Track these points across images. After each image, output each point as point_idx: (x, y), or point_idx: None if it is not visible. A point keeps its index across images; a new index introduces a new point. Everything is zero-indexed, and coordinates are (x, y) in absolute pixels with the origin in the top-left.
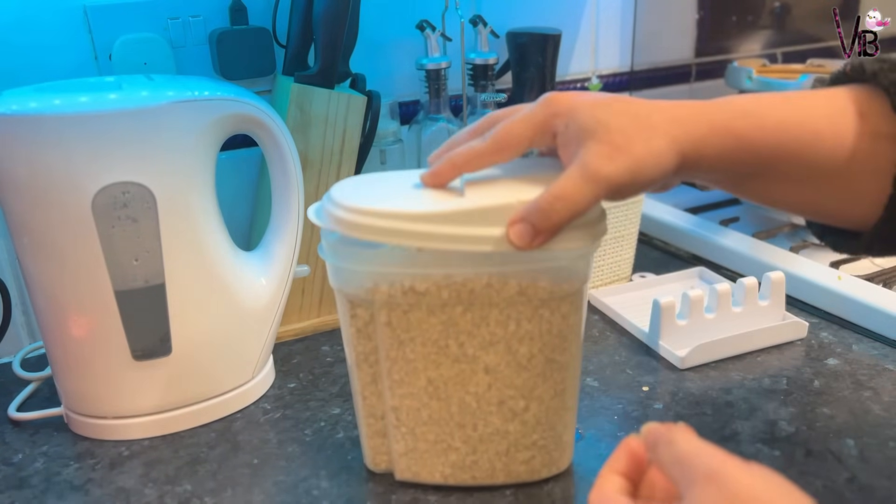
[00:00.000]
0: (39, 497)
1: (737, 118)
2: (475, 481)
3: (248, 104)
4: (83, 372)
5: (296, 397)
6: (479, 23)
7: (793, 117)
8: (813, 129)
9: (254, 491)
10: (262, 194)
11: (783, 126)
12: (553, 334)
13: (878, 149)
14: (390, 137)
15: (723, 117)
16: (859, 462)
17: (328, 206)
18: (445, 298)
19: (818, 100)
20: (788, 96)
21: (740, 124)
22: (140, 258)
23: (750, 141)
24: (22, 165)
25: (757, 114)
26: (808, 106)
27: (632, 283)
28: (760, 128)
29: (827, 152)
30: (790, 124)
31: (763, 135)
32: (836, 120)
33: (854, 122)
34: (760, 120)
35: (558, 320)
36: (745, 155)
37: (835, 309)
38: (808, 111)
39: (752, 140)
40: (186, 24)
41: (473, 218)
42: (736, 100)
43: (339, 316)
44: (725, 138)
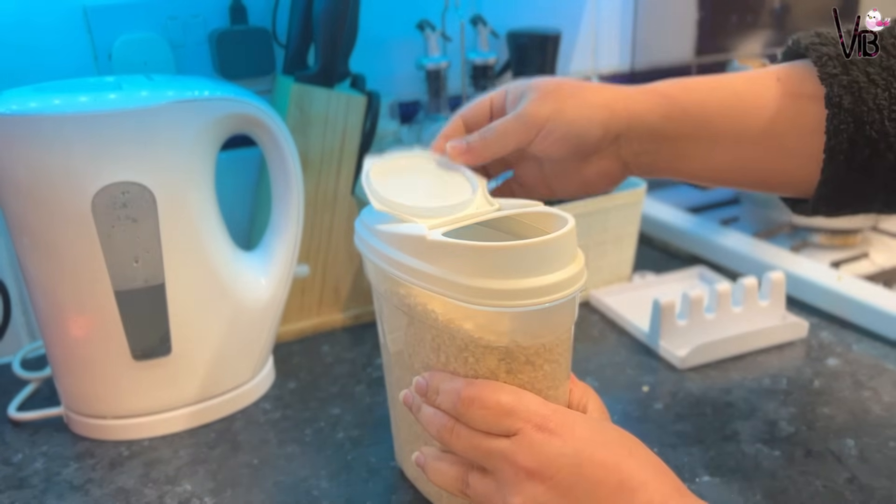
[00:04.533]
0: (39, 497)
1: (664, 85)
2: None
3: (247, 104)
4: (83, 372)
5: (296, 397)
6: (479, 23)
7: (714, 81)
8: (733, 91)
9: (254, 491)
10: (262, 194)
11: (706, 87)
12: None
13: (800, 108)
14: (390, 137)
15: (651, 86)
16: (859, 462)
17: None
18: (395, 304)
19: (741, 73)
20: (714, 75)
21: (666, 86)
22: (140, 258)
23: (676, 98)
24: (22, 165)
25: (683, 82)
26: (730, 76)
27: (632, 283)
28: (685, 88)
29: (750, 111)
30: (712, 86)
31: (687, 94)
32: (755, 84)
33: (772, 85)
34: (685, 83)
35: (485, 373)
36: (674, 110)
37: (835, 309)
38: (729, 79)
39: (677, 97)
40: (186, 23)
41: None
42: (669, 82)
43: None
44: (653, 95)
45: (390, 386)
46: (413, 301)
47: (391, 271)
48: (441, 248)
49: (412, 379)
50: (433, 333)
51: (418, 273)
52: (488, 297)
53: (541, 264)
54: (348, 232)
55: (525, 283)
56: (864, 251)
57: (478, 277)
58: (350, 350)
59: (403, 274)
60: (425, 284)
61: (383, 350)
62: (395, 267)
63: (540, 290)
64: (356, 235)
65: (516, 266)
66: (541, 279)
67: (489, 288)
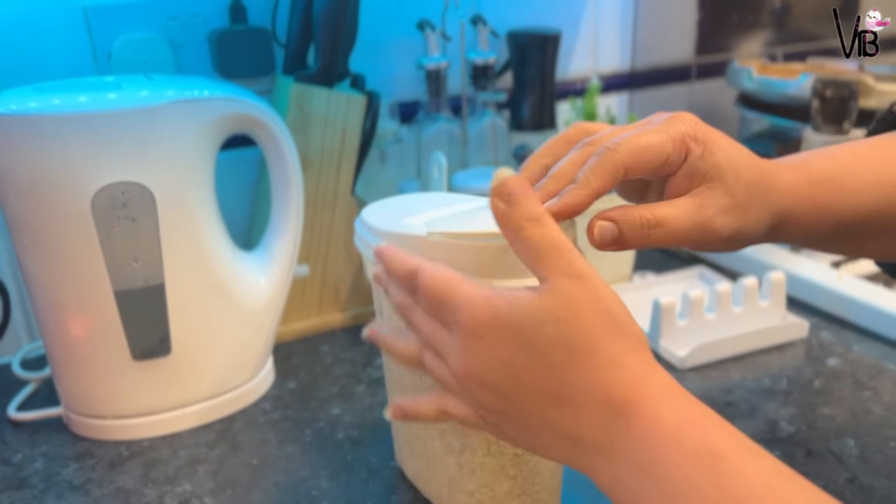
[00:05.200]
0: (39, 497)
1: (817, 185)
2: (429, 497)
3: (247, 104)
4: (83, 372)
5: (295, 397)
6: (479, 23)
7: (868, 175)
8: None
9: (253, 491)
10: (261, 194)
11: (862, 187)
12: None
13: None
14: (390, 137)
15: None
16: (860, 462)
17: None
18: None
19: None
20: (857, 151)
21: (820, 191)
22: (139, 258)
23: (832, 209)
24: (21, 165)
25: (835, 178)
26: (880, 159)
27: (632, 283)
28: (839, 192)
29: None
30: (867, 183)
31: (843, 199)
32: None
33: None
34: (839, 184)
35: None
36: (828, 222)
37: (835, 309)
38: (881, 166)
39: (833, 207)
40: (186, 23)
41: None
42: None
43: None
44: (809, 208)
45: (390, 386)
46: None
47: None
48: (440, 247)
49: (412, 379)
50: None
51: None
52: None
53: None
54: (348, 232)
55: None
56: None
57: (476, 276)
58: (350, 350)
59: None
60: None
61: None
62: None
63: None
64: (356, 235)
65: (514, 264)
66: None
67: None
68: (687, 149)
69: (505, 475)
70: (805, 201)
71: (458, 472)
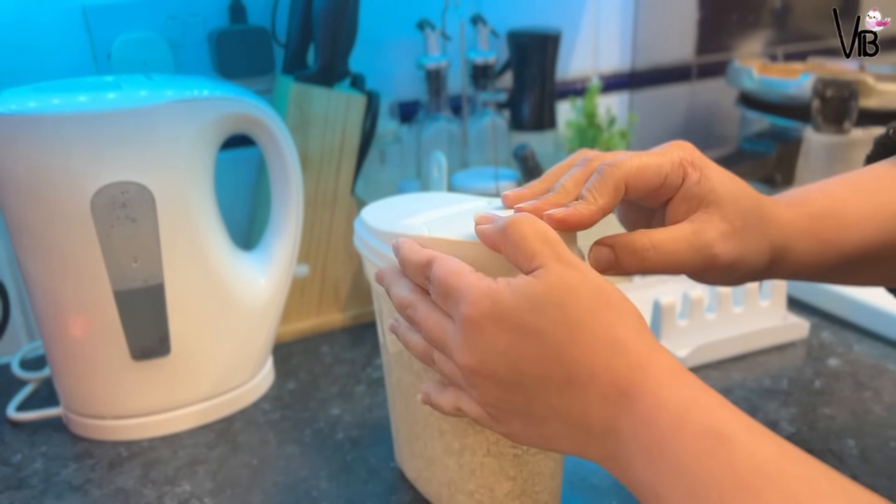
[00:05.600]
0: (38, 497)
1: (818, 220)
2: (429, 498)
3: (247, 104)
4: (82, 372)
5: (295, 398)
6: (479, 22)
7: (867, 208)
8: (891, 214)
9: (253, 491)
10: (261, 194)
11: (862, 220)
12: None
13: None
14: (390, 137)
15: (806, 220)
16: (860, 462)
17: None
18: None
19: (886, 181)
20: (856, 183)
21: (821, 226)
22: (139, 258)
23: (833, 242)
24: (21, 165)
25: (834, 213)
26: (879, 190)
27: (632, 283)
28: (839, 226)
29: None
30: (867, 215)
31: (843, 233)
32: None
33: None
34: (839, 219)
35: None
36: (830, 254)
37: (835, 309)
38: (880, 197)
39: (834, 241)
40: (185, 23)
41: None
42: (813, 198)
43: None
44: (810, 242)
45: (390, 386)
46: None
47: None
48: (439, 246)
49: (412, 380)
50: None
51: None
52: None
53: None
54: (348, 232)
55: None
56: None
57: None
58: (349, 350)
59: None
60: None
61: (383, 350)
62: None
63: None
64: (356, 235)
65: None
66: None
67: None
68: (684, 172)
69: (505, 476)
70: (805, 236)
71: (458, 473)
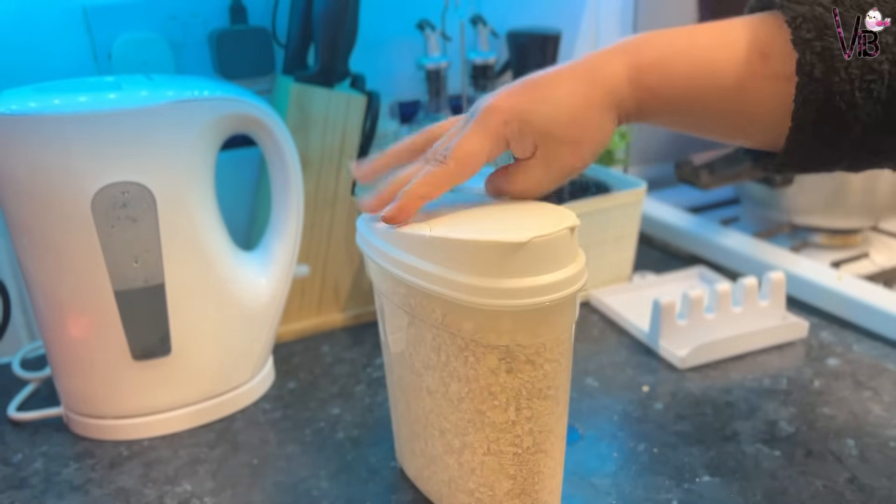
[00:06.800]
0: (39, 497)
1: (647, 69)
2: (429, 496)
3: (247, 104)
4: (83, 372)
5: (295, 397)
6: (479, 22)
7: (696, 64)
8: (719, 78)
9: (254, 491)
10: (261, 194)
11: (687, 75)
12: (480, 385)
13: (780, 89)
14: (390, 137)
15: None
16: (859, 462)
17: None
18: (397, 303)
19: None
20: (696, 35)
21: (651, 77)
22: (139, 258)
23: (660, 93)
24: (22, 165)
25: (664, 63)
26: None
27: (632, 283)
28: (668, 78)
29: (732, 98)
30: (694, 72)
31: (670, 85)
32: (741, 65)
33: (757, 65)
34: (667, 69)
35: (485, 372)
36: (659, 104)
37: (835, 309)
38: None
39: (661, 92)
40: (186, 23)
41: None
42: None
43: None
44: (642, 93)
45: (391, 386)
46: (414, 300)
47: (392, 270)
48: (441, 244)
49: (413, 378)
50: (434, 333)
51: (419, 271)
52: (488, 296)
53: (540, 262)
54: (348, 232)
55: (525, 281)
56: (864, 251)
57: (477, 275)
58: (350, 350)
59: (404, 273)
60: (425, 283)
61: (384, 349)
62: (396, 265)
63: (540, 289)
64: (358, 234)
65: (516, 264)
66: (541, 277)
67: (489, 286)
68: (505, 134)
69: (505, 474)
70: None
71: (458, 472)
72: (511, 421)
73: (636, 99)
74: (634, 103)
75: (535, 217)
